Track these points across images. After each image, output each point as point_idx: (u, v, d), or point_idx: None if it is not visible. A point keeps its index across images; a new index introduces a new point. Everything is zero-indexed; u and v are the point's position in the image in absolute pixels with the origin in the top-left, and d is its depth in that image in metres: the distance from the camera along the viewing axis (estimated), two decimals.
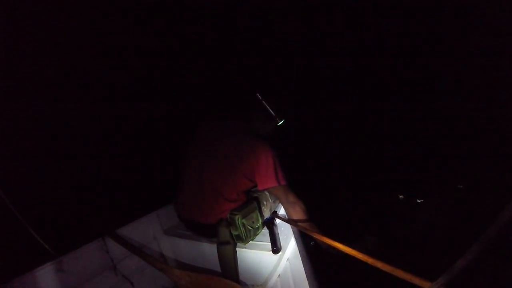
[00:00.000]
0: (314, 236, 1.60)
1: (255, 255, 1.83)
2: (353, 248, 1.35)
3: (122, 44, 3.21)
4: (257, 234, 1.85)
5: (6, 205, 1.56)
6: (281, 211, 2.08)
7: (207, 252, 1.95)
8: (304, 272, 1.54)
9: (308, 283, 1.42)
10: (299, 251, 1.67)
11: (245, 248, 1.84)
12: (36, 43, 2.39)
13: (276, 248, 1.72)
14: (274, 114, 2.00)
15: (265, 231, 1.91)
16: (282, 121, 2.06)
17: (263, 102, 1.99)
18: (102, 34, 2.96)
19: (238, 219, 1.70)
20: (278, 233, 1.84)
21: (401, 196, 3.59)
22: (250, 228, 1.75)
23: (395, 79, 5.68)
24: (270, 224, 1.89)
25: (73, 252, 1.75)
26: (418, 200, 3.41)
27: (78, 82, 2.77)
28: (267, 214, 1.99)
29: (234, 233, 1.74)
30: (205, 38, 4.57)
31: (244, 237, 1.73)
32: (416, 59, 5.50)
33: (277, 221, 1.96)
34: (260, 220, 1.85)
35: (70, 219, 2.07)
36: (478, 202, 2.90)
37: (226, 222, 1.76)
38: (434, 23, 5.21)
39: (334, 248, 1.44)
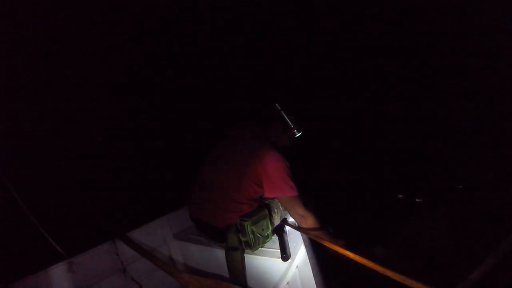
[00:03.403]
0: (324, 244, 1.59)
1: (264, 262, 1.81)
2: (364, 257, 1.34)
3: (130, 46, 3.27)
4: (266, 242, 1.84)
5: (20, 207, 1.59)
6: (291, 218, 2.07)
7: (216, 257, 1.95)
8: (313, 280, 1.52)
9: None
10: (309, 258, 1.65)
11: (254, 254, 1.83)
12: (36, 43, 2.44)
13: (285, 255, 1.70)
14: (292, 126, 2.01)
15: (274, 237, 1.90)
16: (300, 133, 2.07)
17: (282, 113, 2.00)
18: (110, 34, 3.01)
19: (247, 226, 1.68)
20: (287, 240, 1.83)
21: (400, 196, 3.56)
22: (259, 235, 1.74)
23: (394, 79, 5.66)
24: (279, 231, 1.88)
25: (83, 253, 1.78)
26: (417, 200, 3.38)
27: (95, 82, 2.82)
28: (277, 221, 1.97)
29: (243, 239, 1.73)
30: (227, 44, 4.63)
31: (252, 244, 1.72)
32: (416, 59, 5.48)
33: (287, 227, 1.96)
34: (270, 228, 1.84)
35: (81, 221, 2.09)
36: (478, 203, 2.86)
37: (236, 228, 1.75)
38: (433, 23, 5.20)
39: (344, 256, 1.43)
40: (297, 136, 2.07)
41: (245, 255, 1.81)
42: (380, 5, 5.48)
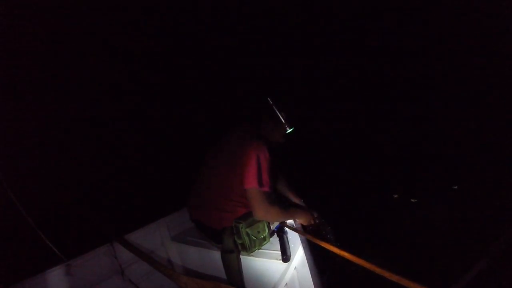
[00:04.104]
0: (321, 245, 1.59)
1: (262, 263, 1.81)
2: (361, 257, 1.34)
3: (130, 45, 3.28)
4: (263, 245, 1.83)
5: (18, 209, 1.60)
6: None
7: (214, 259, 1.93)
8: (311, 280, 1.52)
9: None
10: (307, 260, 1.66)
11: (253, 256, 1.83)
12: (36, 43, 2.44)
13: (286, 256, 1.70)
14: (283, 121, 1.96)
15: (272, 239, 1.90)
16: (292, 129, 2.00)
17: (273, 107, 1.96)
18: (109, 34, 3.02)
19: (242, 228, 1.68)
20: (288, 242, 1.83)
21: (395, 196, 3.57)
22: (254, 238, 1.73)
23: (392, 81, 5.67)
24: (280, 232, 1.88)
25: (82, 256, 1.77)
26: (412, 200, 3.39)
27: (95, 82, 2.83)
28: (275, 224, 1.96)
29: (238, 241, 1.72)
30: (220, 41, 4.65)
31: (248, 247, 1.72)
32: (416, 59, 5.49)
33: (286, 228, 1.95)
34: (267, 231, 1.82)
35: (79, 224, 2.09)
36: (473, 203, 2.87)
37: (231, 230, 1.75)
38: (433, 23, 5.21)
39: (340, 257, 1.43)
40: (288, 132, 1.99)
41: (243, 256, 1.81)
42: (380, 5, 5.50)
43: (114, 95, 3.08)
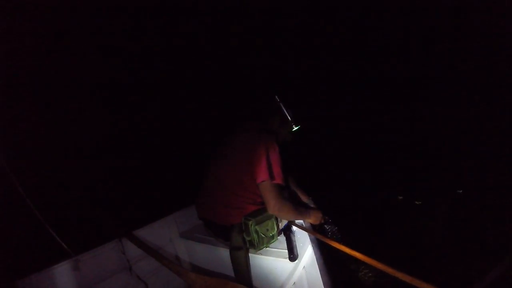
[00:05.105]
0: (332, 244, 1.59)
1: (270, 262, 1.82)
2: (372, 258, 1.35)
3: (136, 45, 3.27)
4: (271, 243, 1.83)
5: (27, 205, 1.60)
6: None
7: (222, 256, 1.95)
8: (321, 280, 1.53)
9: None
10: (316, 259, 1.66)
11: (261, 254, 1.83)
12: (37, 43, 2.43)
13: (293, 255, 1.70)
14: (290, 119, 1.98)
15: (281, 238, 1.90)
16: (298, 128, 2.03)
17: (281, 104, 1.98)
18: (108, 35, 3.01)
19: (251, 225, 1.68)
20: (295, 241, 1.84)
21: (400, 197, 3.60)
22: (263, 236, 1.73)
23: (396, 82, 5.69)
24: (287, 231, 1.88)
25: (90, 251, 1.77)
26: (416, 202, 3.41)
27: (96, 82, 2.81)
28: (283, 222, 1.97)
29: (247, 238, 1.73)
30: (227, 44, 4.64)
31: (256, 244, 1.72)
32: (418, 60, 5.51)
33: (294, 228, 1.96)
34: (276, 229, 1.82)
35: (88, 220, 2.09)
36: (477, 208, 2.89)
37: (240, 227, 1.76)
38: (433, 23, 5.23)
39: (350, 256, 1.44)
40: (294, 130, 2.03)
41: (251, 255, 1.82)
42: (380, 5, 5.51)
43: (118, 94, 3.08)
